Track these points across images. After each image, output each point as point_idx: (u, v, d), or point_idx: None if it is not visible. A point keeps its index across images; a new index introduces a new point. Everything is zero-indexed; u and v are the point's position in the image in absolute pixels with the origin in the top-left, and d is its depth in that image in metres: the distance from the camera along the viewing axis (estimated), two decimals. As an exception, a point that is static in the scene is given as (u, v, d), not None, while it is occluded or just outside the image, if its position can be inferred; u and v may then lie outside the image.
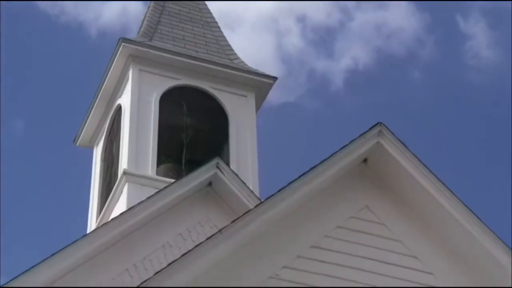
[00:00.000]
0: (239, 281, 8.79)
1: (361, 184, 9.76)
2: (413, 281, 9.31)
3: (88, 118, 15.35)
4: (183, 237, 12.01)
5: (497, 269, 9.33)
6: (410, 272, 9.37)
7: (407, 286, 9.18)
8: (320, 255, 9.21)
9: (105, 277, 11.18)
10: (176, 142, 14.51)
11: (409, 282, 9.28)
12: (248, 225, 8.85)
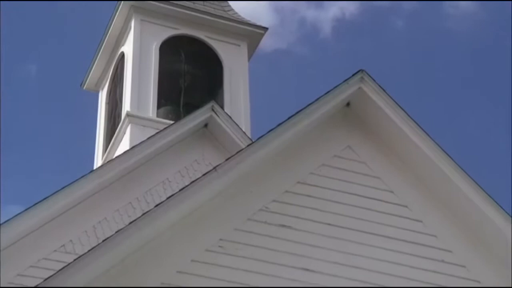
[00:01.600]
0: (232, 213, 8.84)
1: (344, 126, 9.75)
2: (389, 213, 9.37)
3: (94, 64, 15.39)
4: (181, 174, 12.09)
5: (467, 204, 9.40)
6: (387, 205, 9.42)
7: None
8: (306, 190, 9.24)
9: (110, 209, 11.30)
10: (175, 87, 14.55)
11: (384, 214, 9.34)
12: (241, 163, 8.88)
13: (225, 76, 14.66)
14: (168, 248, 8.46)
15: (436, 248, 9.34)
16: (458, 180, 9.43)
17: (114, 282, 8.07)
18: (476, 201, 9.39)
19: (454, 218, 9.54)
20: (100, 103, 15.48)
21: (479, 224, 9.44)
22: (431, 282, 9.10)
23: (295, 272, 8.78)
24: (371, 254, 9.08)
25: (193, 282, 8.41)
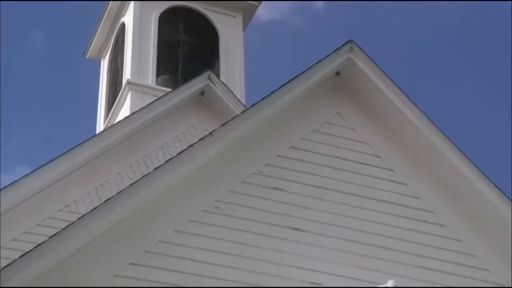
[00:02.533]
0: (227, 176, 8.89)
1: (334, 94, 9.78)
2: (376, 177, 9.44)
3: (95, 34, 15.41)
4: (178, 139, 12.14)
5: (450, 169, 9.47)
6: (374, 169, 9.49)
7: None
8: (297, 155, 9.29)
9: (111, 172, 11.36)
10: (173, 57, 14.56)
11: (371, 177, 9.41)
12: (235, 129, 8.92)
13: (221, 46, 14.69)
14: (166, 209, 8.52)
15: (419, 209, 9.42)
16: (443, 146, 9.49)
17: (114, 241, 8.14)
18: (459, 166, 9.44)
19: (436, 181, 9.60)
20: (102, 71, 15.51)
21: (459, 187, 9.52)
22: (414, 241, 9.19)
23: (287, 232, 8.84)
24: (358, 215, 9.16)
25: (190, 241, 8.46)
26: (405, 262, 9.04)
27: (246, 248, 8.62)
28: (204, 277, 8.33)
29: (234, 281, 8.40)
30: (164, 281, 8.18)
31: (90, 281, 7.94)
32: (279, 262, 8.65)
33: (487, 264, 9.33)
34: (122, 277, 8.07)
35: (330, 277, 8.69)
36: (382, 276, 8.74)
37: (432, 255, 9.18)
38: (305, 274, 8.65)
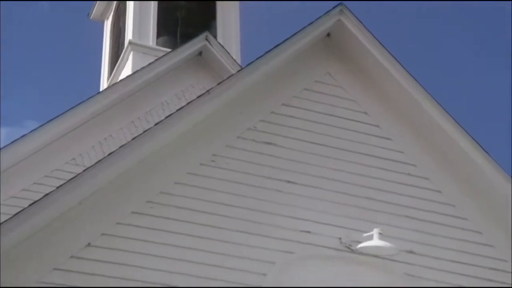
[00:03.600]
0: (223, 131, 8.94)
1: (325, 54, 9.79)
2: (362, 132, 9.49)
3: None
4: (177, 97, 12.19)
5: (432, 124, 9.50)
6: (361, 124, 9.55)
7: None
8: (289, 112, 9.33)
9: (115, 127, 11.41)
10: (173, 19, 14.56)
11: (358, 133, 9.45)
12: (231, 87, 8.93)
13: (218, 9, 14.70)
14: (166, 162, 8.55)
15: (403, 163, 9.50)
16: (426, 103, 9.52)
17: (117, 192, 8.19)
18: (439, 121, 9.48)
19: (420, 136, 9.66)
20: (105, 32, 15.51)
21: (441, 142, 9.57)
22: (398, 192, 9.28)
23: (279, 184, 8.91)
24: (346, 168, 9.23)
25: (189, 192, 8.53)
26: (389, 212, 9.13)
27: (241, 199, 8.69)
28: (203, 225, 8.40)
29: (230, 230, 8.47)
30: (165, 229, 8.25)
31: (93, 229, 8.00)
32: (272, 212, 8.72)
33: (465, 213, 9.45)
34: (124, 225, 8.14)
35: (320, 226, 8.78)
36: (368, 224, 8.82)
37: (414, 206, 9.28)
38: (296, 223, 8.74)
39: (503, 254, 9.33)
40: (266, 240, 8.54)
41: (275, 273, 8.42)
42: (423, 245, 9.05)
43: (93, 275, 7.80)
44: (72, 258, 7.81)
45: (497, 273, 9.19)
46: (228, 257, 8.32)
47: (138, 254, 8.05)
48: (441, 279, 8.91)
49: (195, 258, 8.21)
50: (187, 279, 8.09)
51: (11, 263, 7.49)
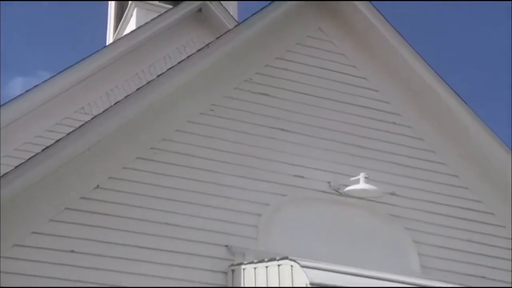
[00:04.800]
0: (221, 83, 8.98)
1: (317, 11, 9.78)
2: (350, 84, 9.56)
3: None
4: (179, 51, 12.23)
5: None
6: (349, 77, 9.60)
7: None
8: (284, 65, 9.35)
9: (120, 78, 11.45)
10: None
11: (347, 85, 9.52)
12: (229, 42, 8.96)
13: (218, -33, 14.63)
14: (168, 111, 8.61)
15: (389, 112, 9.58)
16: (409, 56, 9.55)
17: (122, 138, 8.25)
18: (421, 73, 9.55)
19: (405, 88, 9.72)
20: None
21: (423, 92, 9.64)
22: (383, 140, 9.38)
23: (274, 132, 8.99)
24: (336, 117, 9.31)
25: (189, 139, 8.61)
26: (374, 158, 9.24)
27: (238, 146, 8.76)
28: (202, 170, 8.49)
29: (228, 174, 8.57)
30: (167, 173, 8.35)
31: (101, 173, 8.10)
32: (266, 158, 8.81)
33: (444, 159, 9.57)
34: (129, 169, 8.23)
35: (310, 171, 8.89)
36: (354, 169, 8.95)
37: (398, 152, 9.39)
38: (289, 168, 8.83)
39: (477, 195, 9.50)
40: (261, 183, 8.65)
41: (269, 214, 8.53)
42: (405, 188, 9.19)
43: (101, 214, 7.93)
44: (82, 199, 7.92)
45: (472, 213, 9.36)
46: (226, 199, 8.43)
47: (142, 196, 8.16)
48: (421, 219, 9.07)
49: (195, 200, 8.32)
50: (189, 219, 8.20)
51: (25, 203, 7.63)
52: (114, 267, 7.73)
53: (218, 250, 8.15)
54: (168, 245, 8.01)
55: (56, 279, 7.49)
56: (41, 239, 7.62)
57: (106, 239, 7.83)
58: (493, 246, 9.21)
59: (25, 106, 10.54)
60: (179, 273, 7.90)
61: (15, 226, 7.57)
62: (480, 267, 9.02)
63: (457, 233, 9.12)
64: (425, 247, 8.90)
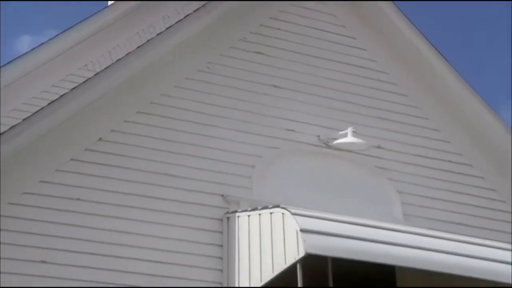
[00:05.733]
0: (217, 42, 8.96)
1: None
2: (339, 43, 9.60)
3: None
4: (177, 11, 12.05)
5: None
6: (339, 36, 9.66)
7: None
8: (277, 25, 9.36)
9: (122, 37, 11.28)
10: None
11: (337, 44, 9.57)
12: (224, 3, 8.90)
13: None
14: (166, 68, 8.61)
15: (376, 71, 9.65)
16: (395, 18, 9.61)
17: (123, 94, 8.26)
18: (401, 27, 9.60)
19: (391, 46, 9.77)
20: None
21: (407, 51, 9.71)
22: (369, 96, 9.45)
23: (267, 88, 9.03)
24: (326, 75, 9.38)
25: (187, 95, 8.62)
26: (361, 113, 9.32)
27: (233, 101, 8.79)
28: (200, 124, 8.54)
29: (224, 128, 8.62)
30: (166, 127, 8.39)
31: (104, 126, 8.13)
32: (260, 113, 8.85)
33: (427, 114, 9.66)
34: (131, 123, 8.26)
35: (301, 125, 8.97)
36: (343, 124, 9.03)
37: (383, 107, 9.48)
38: (281, 122, 8.89)
39: (457, 148, 9.62)
40: (254, 137, 8.71)
41: (262, 165, 8.60)
42: (390, 141, 9.28)
43: (104, 165, 7.98)
44: (86, 151, 7.97)
45: (452, 165, 9.48)
46: (222, 151, 8.48)
47: (143, 148, 8.19)
48: (404, 170, 9.17)
49: (193, 152, 8.36)
50: (187, 170, 8.25)
51: (32, 154, 7.69)
52: (116, 214, 7.82)
53: (214, 199, 8.22)
54: (167, 194, 8.08)
55: (62, 225, 7.60)
56: (48, 188, 7.71)
57: (109, 188, 7.91)
58: (471, 195, 9.38)
59: (31, 63, 10.50)
60: (178, 220, 8.00)
61: (24, 175, 7.65)
62: (458, 214, 9.17)
63: (437, 183, 9.26)
64: (408, 197, 9.03)
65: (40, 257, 7.43)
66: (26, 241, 7.43)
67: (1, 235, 7.35)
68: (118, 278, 7.57)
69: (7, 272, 7.26)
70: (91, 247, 7.60)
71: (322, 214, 7.23)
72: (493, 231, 9.10)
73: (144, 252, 7.76)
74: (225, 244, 8.01)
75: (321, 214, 7.19)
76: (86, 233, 7.64)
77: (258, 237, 7.46)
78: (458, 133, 9.69)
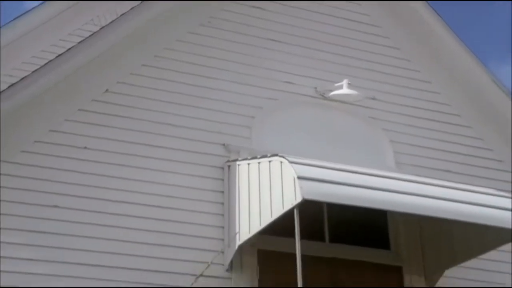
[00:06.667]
0: None
1: None
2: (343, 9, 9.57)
3: None
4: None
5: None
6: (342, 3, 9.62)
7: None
8: None
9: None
10: None
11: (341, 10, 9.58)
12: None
13: None
14: (170, 22, 8.59)
15: (368, 25, 9.64)
16: None
17: (129, 46, 8.25)
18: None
19: (385, 3, 9.75)
20: None
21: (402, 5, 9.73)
22: (363, 49, 9.46)
23: (266, 42, 9.01)
24: (322, 29, 9.38)
25: (190, 48, 8.63)
26: (356, 66, 9.35)
27: (234, 55, 8.79)
28: (202, 76, 8.54)
29: (225, 80, 8.60)
30: (170, 79, 8.39)
31: (110, 77, 8.15)
32: (259, 66, 8.87)
33: (418, 66, 9.69)
34: (136, 75, 8.28)
35: (299, 77, 8.98)
36: (339, 76, 9.07)
37: (378, 61, 9.50)
38: (280, 75, 8.92)
39: (448, 100, 9.65)
40: (254, 89, 8.73)
41: (262, 116, 8.65)
42: (383, 93, 9.32)
43: (111, 115, 8.02)
44: (93, 101, 8.02)
45: (442, 115, 9.53)
46: (223, 102, 8.52)
47: (147, 99, 8.21)
48: (397, 121, 9.23)
49: (195, 103, 8.39)
50: (189, 120, 8.29)
51: (42, 104, 7.73)
52: (122, 162, 7.88)
53: (216, 148, 8.28)
54: (171, 144, 8.13)
55: (71, 172, 7.69)
56: (57, 136, 7.77)
57: (115, 137, 7.96)
58: (459, 144, 9.44)
59: (40, 18, 10.49)
60: (181, 168, 8.07)
61: (34, 124, 7.71)
62: (447, 162, 9.25)
63: (428, 133, 9.32)
64: (400, 146, 9.09)
65: (53, 202, 7.53)
66: (39, 186, 7.53)
67: (16, 181, 7.46)
68: (124, 222, 7.67)
69: (23, 216, 7.38)
70: (99, 193, 7.68)
71: (318, 162, 7.27)
72: (480, 178, 9.19)
73: (149, 198, 7.84)
74: (226, 191, 8.09)
75: (317, 162, 7.24)
76: (93, 180, 7.72)
77: (257, 184, 7.52)
78: (448, 84, 9.71)
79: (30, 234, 7.30)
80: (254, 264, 7.88)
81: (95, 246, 7.47)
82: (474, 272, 8.76)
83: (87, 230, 7.50)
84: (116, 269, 7.45)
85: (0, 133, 7.43)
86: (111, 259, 7.47)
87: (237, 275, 7.82)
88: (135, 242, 7.60)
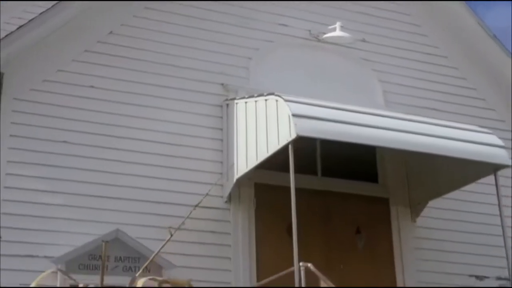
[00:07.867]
0: None
1: None
2: None
3: None
4: None
5: None
6: None
7: None
8: None
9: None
10: None
11: None
12: None
13: None
14: None
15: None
16: None
17: None
18: None
19: None
20: None
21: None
22: None
23: None
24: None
25: None
26: (349, 9, 9.29)
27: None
28: (201, 19, 8.47)
29: (222, 23, 8.56)
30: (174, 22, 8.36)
31: (114, 19, 8.10)
32: (256, 9, 8.80)
33: (409, 10, 9.60)
34: (139, 18, 8.25)
35: (293, 20, 8.95)
36: (332, 19, 9.01)
37: (369, 4, 9.42)
38: (275, 18, 8.87)
39: (435, 42, 9.61)
40: (251, 31, 8.70)
41: (258, 57, 8.64)
42: (374, 35, 9.30)
43: (115, 56, 8.01)
44: (99, 43, 8.01)
45: (429, 56, 9.51)
46: (222, 44, 8.48)
47: (151, 41, 8.19)
48: (386, 62, 9.24)
49: (195, 45, 8.36)
50: (190, 61, 8.26)
51: (50, 45, 7.73)
52: (126, 100, 7.91)
53: (215, 87, 8.30)
54: (172, 83, 8.15)
55: (78, 109, 7.72)
56: (65, 76, 7.79)
57: (119, 76, 7.97)
58: (445, 84, 9.48)
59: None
60: (183, 106, 8.10)
61: (43, 64, 7.71)
62: (433, 101, 9.30)
63: (415, 73, 9.34)
64: (389, 86, 9.12)
65: (62, 138, 7.59)
66: (48, 123, 7.58)
67: (26, 117, 7.50)
68: (129, 157, 7.74)
69: (33, 150, 7.44)
70: (104, 130, 7.74)
71: (312, 100, 7.30)
72: (464, 115, 9.26)
73: (152, 134, 7.89)
74: (224, 128, 8.14)
75: (311, 101, 7.27)
76: (99, 117, 7.76)
77: (254, 121, 7.56)
78: (436, 27, 9.69)
79: (40, 167, 7.37)
80: (251, 196, 7.99)
81: (101, 179, 7.55)
82: (456, 203, 8.87)
83: (94, 164, 7.57)
84: (119, 200, 7.53)
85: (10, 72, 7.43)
86: (116, 191, 7.56)
87: (235, 206, 7.94)
88: (138, 175, 7.68)
